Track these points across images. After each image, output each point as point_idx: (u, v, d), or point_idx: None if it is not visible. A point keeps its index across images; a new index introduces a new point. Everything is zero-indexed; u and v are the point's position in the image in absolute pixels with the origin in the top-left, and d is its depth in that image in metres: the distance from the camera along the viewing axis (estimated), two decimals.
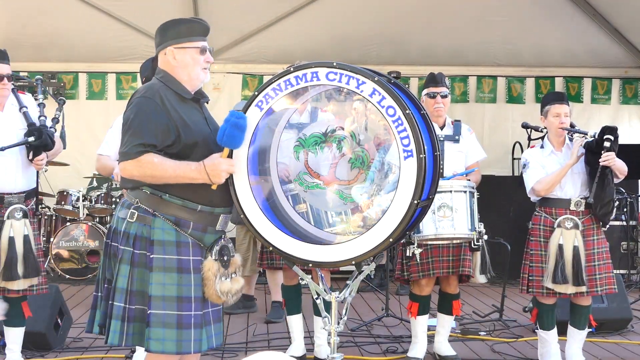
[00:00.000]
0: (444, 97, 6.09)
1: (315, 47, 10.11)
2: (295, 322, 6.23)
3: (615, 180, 5.77)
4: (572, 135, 5.86)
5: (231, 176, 3.87)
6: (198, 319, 3.82)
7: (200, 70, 3.95)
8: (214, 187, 3.81)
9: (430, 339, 6.29)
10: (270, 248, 3.95)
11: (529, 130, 6.55)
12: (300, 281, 4.17)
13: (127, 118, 3.80)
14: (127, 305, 3.77)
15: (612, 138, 5.55)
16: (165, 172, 3.72)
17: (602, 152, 5.57)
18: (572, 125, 5.88)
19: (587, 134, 5.71)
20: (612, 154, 5.57)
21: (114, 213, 3.98)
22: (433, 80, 6.13)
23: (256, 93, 3.93)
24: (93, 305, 3.96)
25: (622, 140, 5.86)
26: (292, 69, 3.89)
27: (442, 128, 6.09)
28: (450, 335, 6.35)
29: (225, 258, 3.85)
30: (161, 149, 3.75)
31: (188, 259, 3.80)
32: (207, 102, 4.11)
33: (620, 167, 5.69)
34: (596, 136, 5.63)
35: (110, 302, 3.80)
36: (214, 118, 4.09)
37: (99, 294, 3.91)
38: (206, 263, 3.81)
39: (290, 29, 10.20)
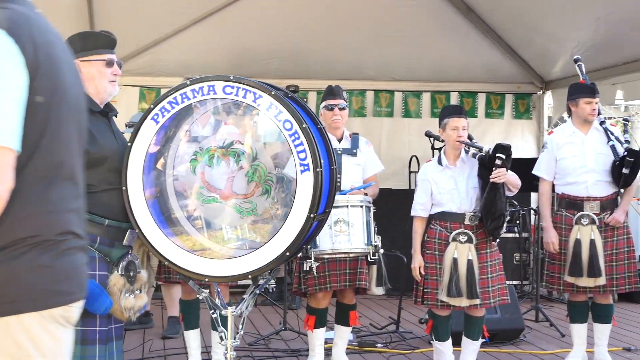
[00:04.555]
0: (342, 109, 6.13)
1: (215, 60, 10.03)
2: (192, 337, 6.17)
3: (509, 194, 5.87)
4: (468, 149, 5.96)
5: (126, 190, 3.82)
6: (103, 335, 3.75)
7: (108, 83, 3.88)
8: None
9: (328, 352, 6.31)
10: (166, 263, 3.91)
11: (431, 139, 6.61)
12: (198, 296, 4.15)
13: None
14: None
15: (503, 157, 5.63)
16: None
17: (494, 169, 5.66)
18: (469, 138, 5.98)
19: (482, 149, 5.81)
20: (503, 171, 5.63)
21: None
22: (331, 92, 6.16)
23: (152, 106, 3.90)
24: None
25: (515, 154, 5.98)
26: (188, 82, 3.87)
27: (340, 141, 6.13)
28: (347, 348, 6.39)
29: (131, 274, 3.78)
30: None
31: (94, 274, 3.72)
32: (116, 116, 4.05)
33: (513, 182, 5.79)
34: (490, 152, 5.75)
35: None
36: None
37: None
38: (112, 278, 3.73)
39: (188, 42, 10.09)
